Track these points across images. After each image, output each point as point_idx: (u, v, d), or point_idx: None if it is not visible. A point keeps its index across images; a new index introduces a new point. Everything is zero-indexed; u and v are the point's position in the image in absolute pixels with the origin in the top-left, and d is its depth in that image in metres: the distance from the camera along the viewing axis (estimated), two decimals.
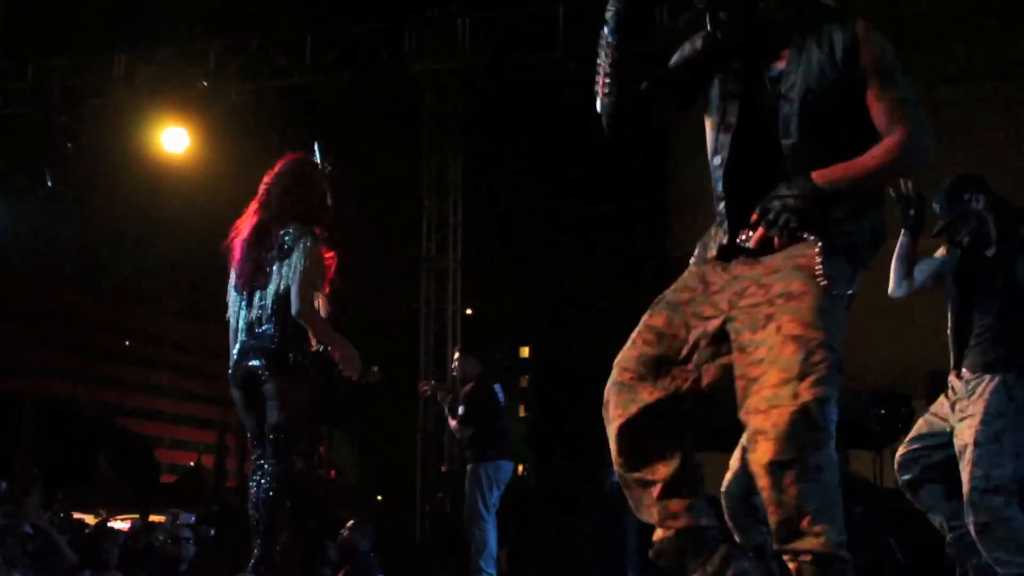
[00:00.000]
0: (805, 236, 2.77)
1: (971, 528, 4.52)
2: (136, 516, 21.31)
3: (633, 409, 2.91)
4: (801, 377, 2.67)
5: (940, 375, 5.18)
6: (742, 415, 2.77)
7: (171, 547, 9.84)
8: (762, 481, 2.69)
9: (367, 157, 25.60)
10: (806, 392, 2.66)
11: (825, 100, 2.84)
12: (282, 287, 4.92)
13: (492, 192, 26.73)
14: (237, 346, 5.11)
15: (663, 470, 2.91)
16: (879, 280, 5.03)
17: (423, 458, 14.91)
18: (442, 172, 15.78)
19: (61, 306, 52.79)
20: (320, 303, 5.04)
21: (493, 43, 14.88)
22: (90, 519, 17.55)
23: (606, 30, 2.98)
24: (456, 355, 8.60)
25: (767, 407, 2.68)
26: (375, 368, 5.51)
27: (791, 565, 2.69)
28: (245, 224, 5.20)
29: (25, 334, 50.59)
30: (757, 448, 2.69)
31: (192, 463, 52.84)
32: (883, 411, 9.82)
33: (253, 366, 4.98)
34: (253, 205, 5.22)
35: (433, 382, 9.75)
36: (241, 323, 5.11)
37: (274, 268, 4.98)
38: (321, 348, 5.00)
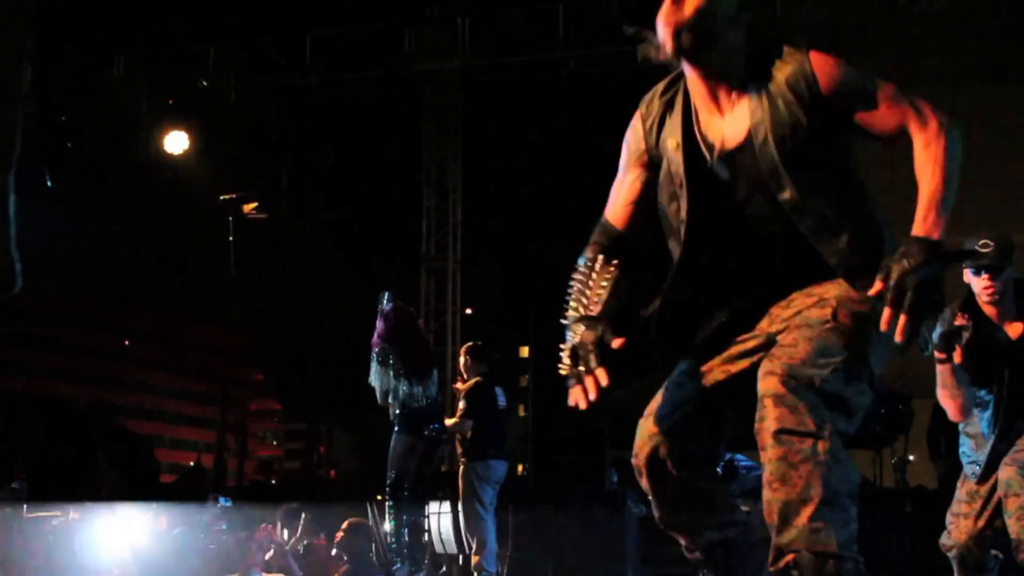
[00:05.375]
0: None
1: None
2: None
3: None
4: (824, 354, 2.48)
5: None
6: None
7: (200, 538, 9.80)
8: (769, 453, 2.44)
9: (367, 157, 25.61)
10: (829, 366, 2.46)
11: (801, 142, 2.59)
12: None
13: (492, 192, 26.71)
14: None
15: None
16: None
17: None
18: (442, 172, 15.79)
19: (61, 306, 52.77)
20: None
21: (493, 43, 14.90)
22: None
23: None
24: (464, 354, 8.60)
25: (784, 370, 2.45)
26: None
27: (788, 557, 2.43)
28: None
29: (25, 334, 50.60)
30: (765, 414, 2.45)
31: (192, 463, 52.82)
32: (883, 411, 9.81)
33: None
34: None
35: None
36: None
37: None
38: None
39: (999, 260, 4.48)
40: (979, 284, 4.55)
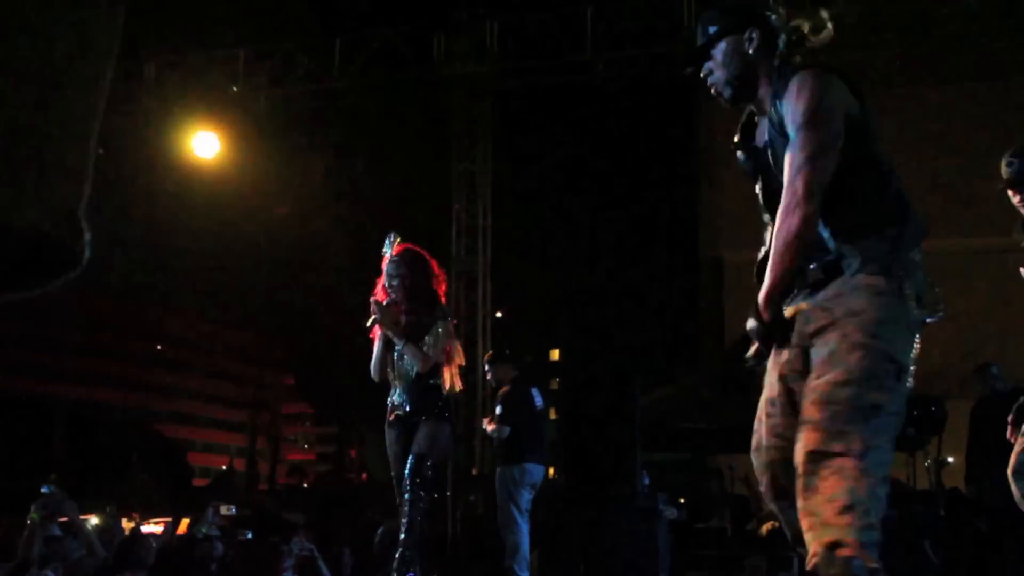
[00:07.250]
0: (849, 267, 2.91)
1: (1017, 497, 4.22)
2: (169, 519, 21.42)
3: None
4: (860, 383, 2.76)
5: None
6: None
7: (205, 545, 9.81)
8: (799, 469, 2.76)
9: (396, 161, 25.66)
10: (866, 396, 2.75)
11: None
12: None
13: (521, 195, 26.71)
14: None
15: None
16: None
17: (454, 461, 14.89)
18: (471, 175, 15.80)
19: (94, 312, 53.16)
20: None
21: (521, 47, 14.89)
22: (124, 523, 17.68)
23: None
24: (487, 364, 8.59)
25: (823, 400, 2.77)
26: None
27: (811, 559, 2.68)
28: None
29: (58, 340, 50.97)
30: (802, 437, 2.78)
31: (224, 467, 53.05)
32: (916, 412, 9.73)
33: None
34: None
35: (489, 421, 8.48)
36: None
37: None
38: None
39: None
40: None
